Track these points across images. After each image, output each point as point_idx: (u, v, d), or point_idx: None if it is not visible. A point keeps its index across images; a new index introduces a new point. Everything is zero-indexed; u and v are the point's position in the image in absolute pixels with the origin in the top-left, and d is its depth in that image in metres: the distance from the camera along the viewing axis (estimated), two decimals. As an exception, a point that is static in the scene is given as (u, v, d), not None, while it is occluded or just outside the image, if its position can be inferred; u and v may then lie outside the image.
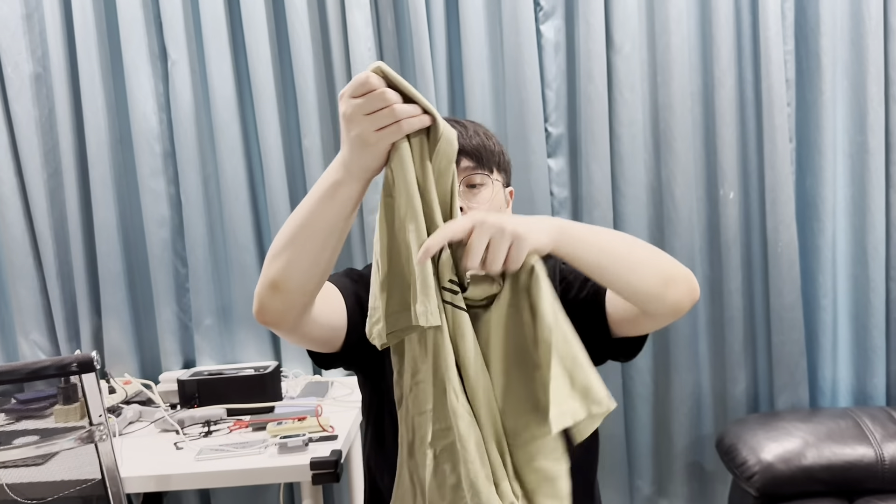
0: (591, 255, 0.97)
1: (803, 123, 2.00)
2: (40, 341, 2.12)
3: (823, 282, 2.01)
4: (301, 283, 0.98)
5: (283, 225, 0.98)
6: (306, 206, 0.96)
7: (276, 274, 0.96)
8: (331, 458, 1.41)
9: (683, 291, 1.01)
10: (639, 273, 0.99)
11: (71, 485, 1.42)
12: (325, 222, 0.95)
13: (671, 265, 1.02)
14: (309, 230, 0.95)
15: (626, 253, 0.99)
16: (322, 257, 0.97)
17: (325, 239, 0.96)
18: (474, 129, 1.20)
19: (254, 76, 2.00)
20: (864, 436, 1.77)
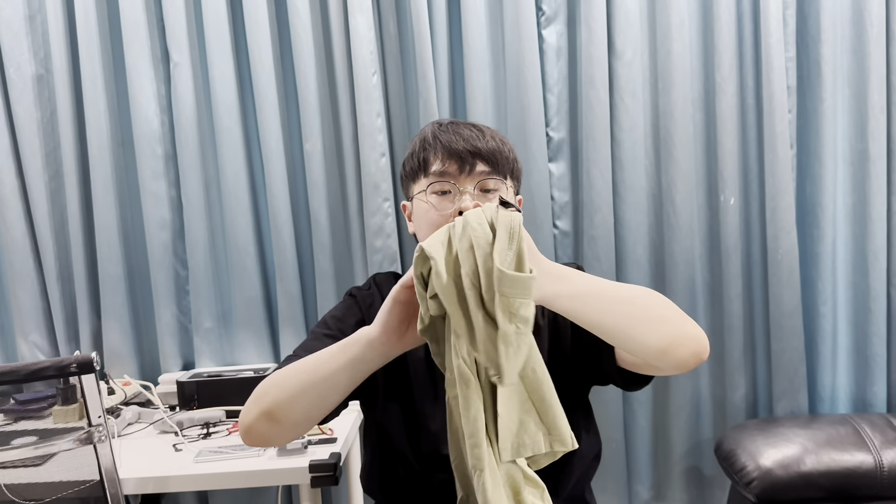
0: (589, 314, 0.95)
1: (804, 131, 2.01)
2: (40, 343, 2.12)
3: (823, 289, 2.01)
4: (302, 423, 1.04)
5: (293, 367, 1.03)
6: (322, 362, 1.00)
7: (281, 412, 1.01)
8: (330, 460, 1.41)
9: (686, 354, 0.96)
10: (640, 337, 0.95)
11: (69, 486, 1.42)
12: (336, 383, 1.00)
13: (677, 329, 0.97)
14: (329, 385, 1.01)
15: (628, 314, 0.96)
16: (332, 402, 1.03)
17: (341, 391, 1.02)
18: (490, 133, 1.20)
19: (256, 79, 2.00)
20: (863, 442, 1.77)
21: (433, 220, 1.17)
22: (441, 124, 1.22)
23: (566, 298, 0.94)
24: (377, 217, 2.00)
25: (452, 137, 1.17)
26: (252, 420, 1.02)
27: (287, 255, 2.05)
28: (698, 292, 2.03)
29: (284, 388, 1.01)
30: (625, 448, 2.08)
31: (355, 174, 2.05)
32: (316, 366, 1.00)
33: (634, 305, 0.97)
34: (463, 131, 1.18)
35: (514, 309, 0.86)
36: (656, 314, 0.97)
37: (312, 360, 1.02)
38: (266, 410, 1.01)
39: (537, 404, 0.93)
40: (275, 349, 2.12)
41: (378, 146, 1.99)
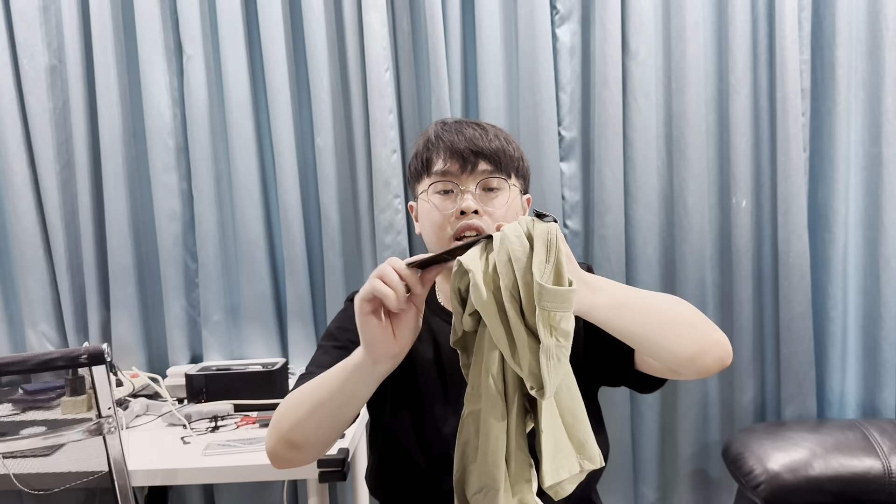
0: (626, 324, 0.95)
1: (817, 134, 2.00)
2: (48, 333, 2.12)
3: (834, 293, 2.00)
4: (321, 443, 1.05)
5: (301, 389, 1.04)
6: (336, 383, 1.00)
7: (296, 436, 1.02)
8: (338, 456, 1.41)
9: (713, 360, 0.99)
10: (669, 346, 0.97)
11: (77, 476, 1.42)
12: (347, 396, 1.00)
13: (704, 337, 0.99)
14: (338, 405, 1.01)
15: (659, 323, 0.97)
16: (347, 419, 1.03)
17: (355, 409, 1.02)
18: (494, 132, 1.19)
19: (268, 74, 2.00)
20: (871, 448, 1.76)
21: (436, 220, 1.17)
22: (445, 123, 1.22)
23: (603, 309, 0.93)
24: (387, 213, 2.00)
25: (455, 137, 1.16)
26: (273, 446, 1.04)
27: (297, 250, 2.05)
28: (708, 294, 2.02)
29: (298, 414, 1.02)
30: (631, 449, 2.08)
31: (366, 170, 2.05)
32: (323, 391, 1.01)
33: (665, 314, 0.98)
34: (466, 130, 1.17)
35: (554, 322, 0.86)
36: (685, 322, 0.98)
37: (320, 385, 1.02)
38: (285, 438, 1.02)
39: (568, 422, 0.93)
40: (283, 343, 2.12)
41: (389, 142, 1.99)
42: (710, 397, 2.06)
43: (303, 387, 1.04)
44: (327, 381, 1.01)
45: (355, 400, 1.00)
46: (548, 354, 0.86)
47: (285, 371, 1.88)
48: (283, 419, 1.03)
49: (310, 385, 1.03)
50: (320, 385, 1.01)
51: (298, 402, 1.02)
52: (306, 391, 1.02)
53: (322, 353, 1.19)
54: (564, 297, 0.85)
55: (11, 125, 2.03)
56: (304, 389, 1.03)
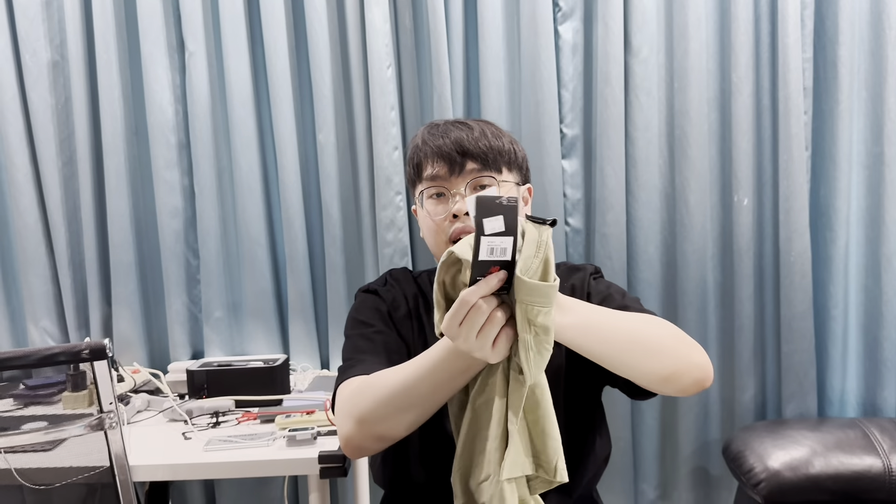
0: (594, 345, 0.96)
1: (819, 132, 2.00)
2: (50, 328, 2.12)
3: (835, 292, 2.00)
4: (410, 431, 1.04)
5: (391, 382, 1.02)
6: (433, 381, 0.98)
7: (390, 431, 1.02)
8: (339, 452, 1.41)
9: (689, 382, 1.00)
10: (640, 367, 0.98)
11: (79, 471, 1.42)
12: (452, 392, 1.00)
13: (679, 359, 0.99)
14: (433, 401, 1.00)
15: (629, 345, 0.97)
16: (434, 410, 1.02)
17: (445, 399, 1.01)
18: (480, 129, 1.19)
19: (270, 70, 2.00)
20: (872, 446, 1.76)
21: (431, 226, 1.18)
22: (432, 126, 1.21)
23: (570, 329, 0.94)
24: (389, 210, 2.00)
25: (441, 140, 1.16)
26: (360, 441, 1.03)
27: (298, 247, 2.05)
28: (709, 292, 2.02)
29: (389, 409, 1.01)
30: (632, 447, 2.08)
31: (368, 167, 2.05)
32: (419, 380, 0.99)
33: (636, 337, 0.98)
34: (451, 132, 1.17)
35: (531, 316, 0.86)
36: (658, 346, 0.98)
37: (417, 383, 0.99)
38: (376, 435, 1.02)
39: (530, 426, 0.94)
40: (284, 340, 2.12)
41: (391, 139, 1.99)
42: (710, 396, 2.06)
43: (387, 380, 1.02)
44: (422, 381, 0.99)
45: (451, 392, 0.99)
46: (526, 347, 0.87)
47: (286, 367, 1.89)
48: (370, 415, 1.01)
49: (399, 379, 1.00)
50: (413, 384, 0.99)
51: (389, 398, 1.00)
52: (396, 386, 1.00)
53: (362, 340, 1.18)
54: (543, 292, 0.85)
55: (13, 121, 2.03)
56: (391, 383, 1.01)
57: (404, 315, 1.26)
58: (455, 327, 0.88)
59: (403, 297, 1.28)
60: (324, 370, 2.10)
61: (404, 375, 1.00)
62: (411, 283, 1.32)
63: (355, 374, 1.09)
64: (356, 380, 1.08)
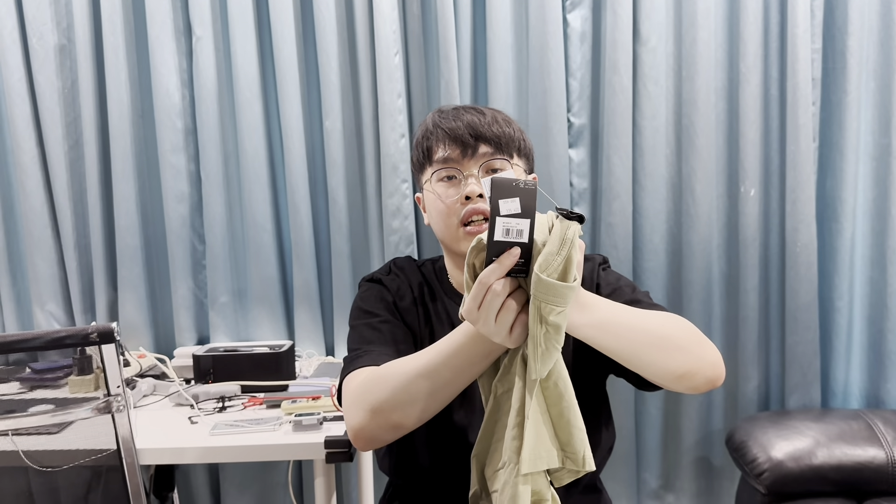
0: (611, 343, 0.96)
1: (827, 123, 1.99)
2: (56, 312, 2.13)
3: (840, 283, 2.00)
4: (429, 417, 1.03)
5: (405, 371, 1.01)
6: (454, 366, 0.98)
7: (406, 420, 1.01)
8: (345, 437, 1.41)
9: (702, 380, 1.00)
10: (656, 364, 0.98)
11: (86, 454, 1.43)
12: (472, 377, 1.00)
13: (694, 358, 0.99)
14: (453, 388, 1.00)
15: (646, 343, 0.97)
16: (452, 397, 1.02)
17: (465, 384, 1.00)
18: (492, 115, 1.20)
19: (277, 56, 2.00)
20: (875, 437, 1.76)
21: (441, 208, 1.17)
22: (442, 111, 1.22)
23: (588, 327, 0.94)
24: (395, 198, 2.00)
25: (453, 123, 1.17)
26: (373, 431, 1.02)
27: (304, 233, 2.05)
28: (714, 282, 2.02)
29: (407, 398, 1.00)
30: (635, 436, 2.09)
31: (374, 154, 2.05)
32: (439, 377, 0.99)
33: (653, 335, 0.98)
34: (464, 116, 1.18)
35: (544, 312, 0.86)
36: (674, 345, 0.98)
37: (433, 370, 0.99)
38: (391, 425, 1.01)
39: (554, 419, 0.94)
40: (289, 326, 2.13)
41: (398, 127, 1.98)
42: (714, 385, 2.06)
43: (405, 367, 1.01)
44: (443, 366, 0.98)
45: (471, 379, 0.99)
46: (535, 342, 0.87)
47: (292, 353, 1.89)
48: (385, 404, 1.00)
49: (419, 365, 1.00)
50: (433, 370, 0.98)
51: (406, 385, 1.00)
52: (415, 373, 0.99)
53: (368, 330, 1.18)
54: (558, 292, 0.85)
55: (20, 104, 2.03)
56: (409, 370, 1.00)
57: (409, 304, 1.26)
58: (474, 310, 0.89)
59: (408, 285, 1.28)
60: (329, 357, 2.10)
61: (425, 361, 1.00)
62: (416, 272, 1.32)
63: (363, 365, 1.09)
64: (365, 370, 1.07)
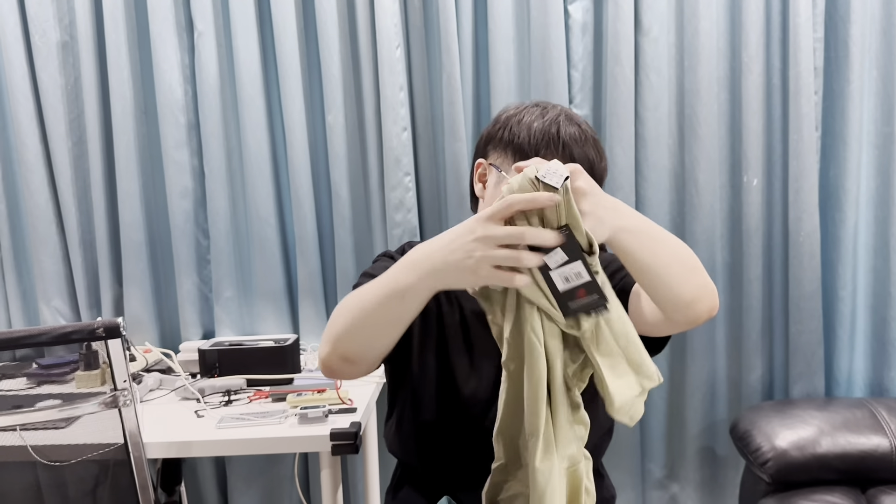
0: (644, 255, 0.95)
1: (830, 112, 1.99)
2: (62, 308, 2.14)
3: (843, 272, 2.00)
4: (375, 355, 1.03)
5: (351, 301, 1.01)
6: (376, 298, 0.97)
7: (348, 350, 1.01)
8: (350, 429, 1.42)
9: (705, 308, 1.00)
10: (674, 285, 0.97)
11: (93, 448, 1.44)
12: (396, 316, 0.98)
13: (703, 282, 1.00)
14: (379, 321, 0.98)
15: (670, 259, 0.97)
16: (394, 335, 1.01)
17: (396, 325, 0.99)
18: (593, 142, 1.16)
19: (279, 50, 2.00)
20: (879, 426, 1.77)
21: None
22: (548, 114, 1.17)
23: (627, 233, 0.93)
24: (398, 191, 2.00)
25: (553, 129, 1.14)
26: (326, 358, 1.02)
27: (307, 227, 2.06)
28: (718, 272, 2.03)
29: (347, 329, 0.99)
30: (639, 426, 2.10)
31: (377, 148, 2.05)
32: (367, 298, 0.98)
33: (676, 252, 0.98)
34: (568, 129, 1.15)
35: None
36: (691, 264, 0.99)
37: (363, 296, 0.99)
38: (340, 356, 1.01)
39: (622, 345, 0.93)
40: (294, 320, 2.14)
41: (400, 120, 1.99)
42: (717, 375, 2.07)
43: (352, 298, 1.01)
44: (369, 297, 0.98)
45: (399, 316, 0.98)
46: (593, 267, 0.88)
47: (297, 347, 1.90)
48: (333, 332, 1.01)
49: (358, 300, 1.00)
50: (367, 302, 0.98)
51: (347, 319, 1.00)
52: (355, 307, 1.00)
53: (367, 278, 1.16)
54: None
55: (24, 101, 2.04)
56: (352, 303, 1.01)
57: None
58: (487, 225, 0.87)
59: None
60: (333, 350, 2.10)
61: (366, 289, 0.99)
62: None
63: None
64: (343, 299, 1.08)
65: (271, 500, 2.16)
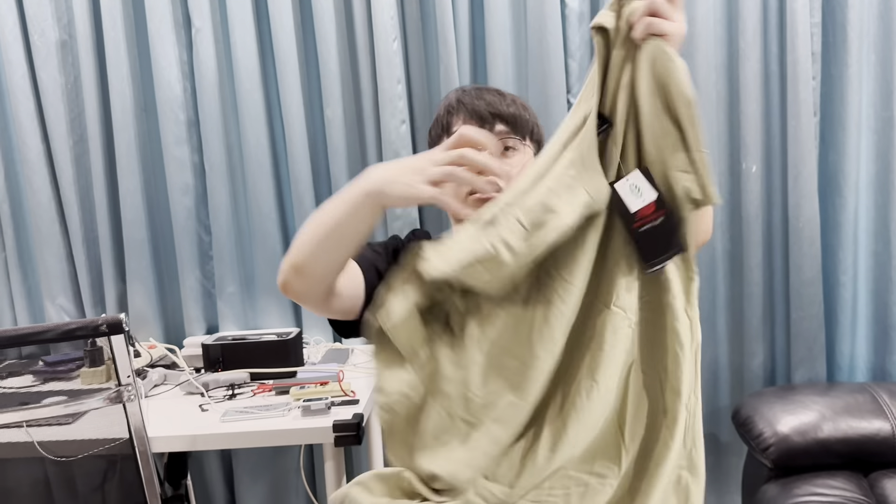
0: None
1: (828, 98, 1.98)
2: (66, 306, 2.16)
3: (844, 258, 2.00)
4: (323, 273, 1.04)
5: (310, 219, 1.03)
6: (331, 213, 1.00)
7: (301, 261, 1.02)
8: (353, 420, 1.44)
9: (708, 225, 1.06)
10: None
11: (99, 443, 1.46)
12: (349, 233, 1.00)
13: None
14: (332, 236, 1.00)
15: None
16: (343, 255, 1.03)
17: (348, 245, 1.01)
18: (512, 98, 1.25)
19: (277, 45, 2.00)
20: (880, 410, 1.77)
21: None
22: (465, 90, 1.27)
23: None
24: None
25: (475, 101, 1.22)
26: (285, 278, 1.05)
27: (308, 222, 2.06)
28: (718, 260, 2.03)
29: (302, 241, 1.02)
30: (642, 414, 2.10)
31: (376, 141, 2.05)
32: (322, 214, 1.01)
33: None
34: (485, 95, 1.23)
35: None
36: None
37: (320, 213, 1.02)
38: (292, 266, 1.03)
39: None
40: (296, 314, 2.15)
41: (398, 113, 1.99)
42: (719, 362, 2.07)
43: (312, 216, 1.04)
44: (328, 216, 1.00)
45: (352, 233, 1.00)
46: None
47: (300, 340, 1.91)
48: (294, 243, 1.04)
49: (317, 213, 1.03)
50: (323, 216, 1.01)
51: (304, 232, 1.03)
52: (313, 219, 1.03)
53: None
54: None
55: (24, 101, 2.05)
56: (312, 217, 1.03)
57: None
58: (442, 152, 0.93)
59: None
60: (336, 343, 2.12)
61: (325, 203, 1.02)
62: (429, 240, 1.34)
63: None
64: None
65: (277, 493, 2.18)
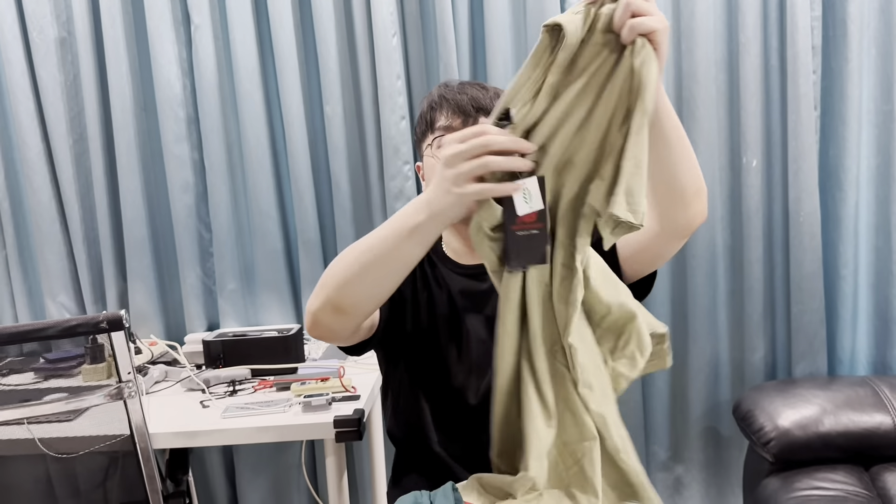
0: (667, 128, 0.96)
1: (828, 92, 1.98)
2: (67, 304, 2.16)
3: (844, 251, 2.00)
4: (367, 308, 1.03)
5: (351, 251, 1.00)
6: (382, 240, 0.97)
7: (344, 300, 1.00)
8: (354, 416, 1.44)
9: (702, 207, 1.05)
10: (684, 171, 1.00)
11: (100, 440, 1.46)
12: (401, 260, 0.98)
13: (701, 175, 1.04)
14: (384, 265, 0.98)
15: (684, 144, 0.99)
16: (392, 285, 1.01)
17: (398, 272, 0.99)
18: (495, 91, 1.23)
19: (276, 42, 2.00)
20: (881, 404, 1.77)
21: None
22: (447, 85, 1.25)
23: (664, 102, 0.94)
24: (397, 180, 2.01)
25: (458, 96, 1.20)
26: (317, 310, 1.02)
27: (308, 218, 2.07)
28: (719, 254, 2.03)
29: (344, 277, 0.99)
30: (643, 409, 2.10)
31: (375, 138, 2.05)
32: (370, 243, 0.98)
33: (687, 142, 1.00)
34: (468, 90, 1.21)
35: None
36: (694, 158, 1.02)
37: (371, 247, 0.98)
38: (332, 306, 1.00)
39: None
40: (297, 310, 2.15)
41: (398, 109, 1.99)
42: (720, 357, 2.07)
43: (351, 249, 1.01)
44: (379, 244, 0.97)
45: (405, 260, 0.98)
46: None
47: (300, 336, 1.91)
48: (329, 282, 1.00)
49: (359, 247, 0.99)
50: (371, 248, 0.98)
51: (345, 266, 0.99)
52: (356, 253, 0.99)
53: None
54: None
55: (24, 99, 2.05)
56: (352, 251, 1.00)
57: None
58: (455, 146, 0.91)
59: None
60: (337, 339, 2.12)
61: (363, 245, 0.99)
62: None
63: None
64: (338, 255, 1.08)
65: (279, 489, 2.18)
